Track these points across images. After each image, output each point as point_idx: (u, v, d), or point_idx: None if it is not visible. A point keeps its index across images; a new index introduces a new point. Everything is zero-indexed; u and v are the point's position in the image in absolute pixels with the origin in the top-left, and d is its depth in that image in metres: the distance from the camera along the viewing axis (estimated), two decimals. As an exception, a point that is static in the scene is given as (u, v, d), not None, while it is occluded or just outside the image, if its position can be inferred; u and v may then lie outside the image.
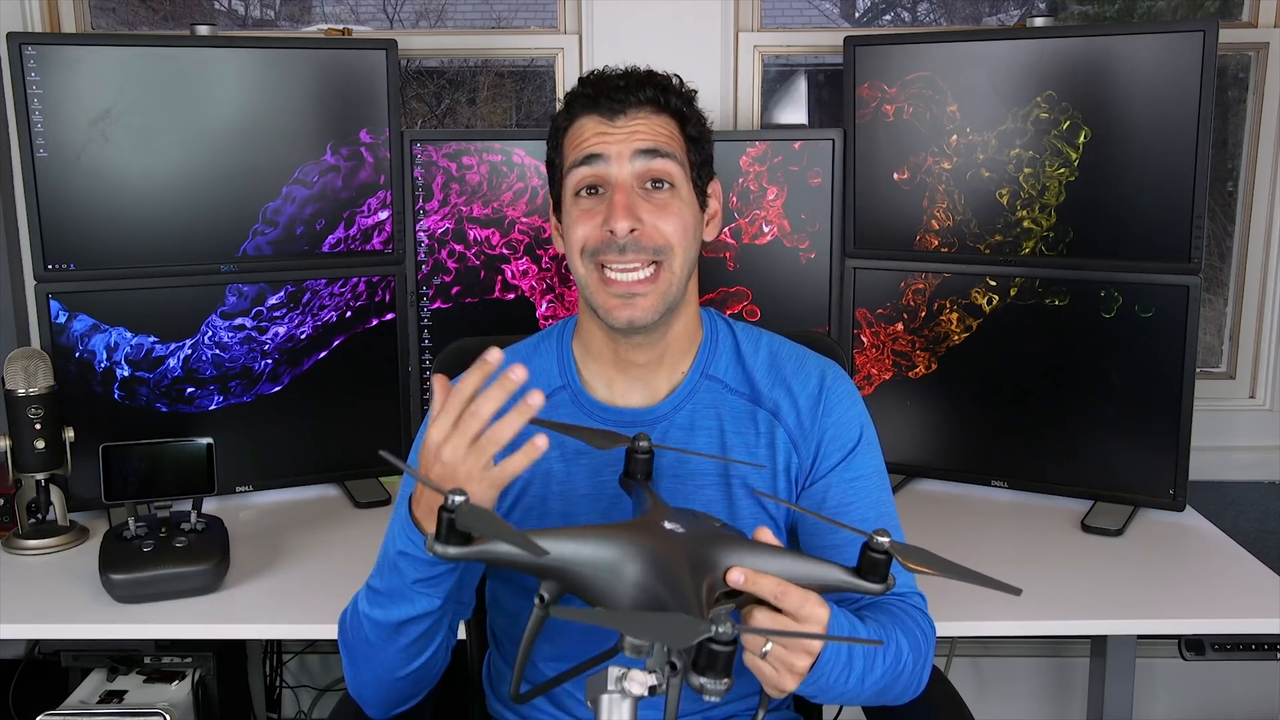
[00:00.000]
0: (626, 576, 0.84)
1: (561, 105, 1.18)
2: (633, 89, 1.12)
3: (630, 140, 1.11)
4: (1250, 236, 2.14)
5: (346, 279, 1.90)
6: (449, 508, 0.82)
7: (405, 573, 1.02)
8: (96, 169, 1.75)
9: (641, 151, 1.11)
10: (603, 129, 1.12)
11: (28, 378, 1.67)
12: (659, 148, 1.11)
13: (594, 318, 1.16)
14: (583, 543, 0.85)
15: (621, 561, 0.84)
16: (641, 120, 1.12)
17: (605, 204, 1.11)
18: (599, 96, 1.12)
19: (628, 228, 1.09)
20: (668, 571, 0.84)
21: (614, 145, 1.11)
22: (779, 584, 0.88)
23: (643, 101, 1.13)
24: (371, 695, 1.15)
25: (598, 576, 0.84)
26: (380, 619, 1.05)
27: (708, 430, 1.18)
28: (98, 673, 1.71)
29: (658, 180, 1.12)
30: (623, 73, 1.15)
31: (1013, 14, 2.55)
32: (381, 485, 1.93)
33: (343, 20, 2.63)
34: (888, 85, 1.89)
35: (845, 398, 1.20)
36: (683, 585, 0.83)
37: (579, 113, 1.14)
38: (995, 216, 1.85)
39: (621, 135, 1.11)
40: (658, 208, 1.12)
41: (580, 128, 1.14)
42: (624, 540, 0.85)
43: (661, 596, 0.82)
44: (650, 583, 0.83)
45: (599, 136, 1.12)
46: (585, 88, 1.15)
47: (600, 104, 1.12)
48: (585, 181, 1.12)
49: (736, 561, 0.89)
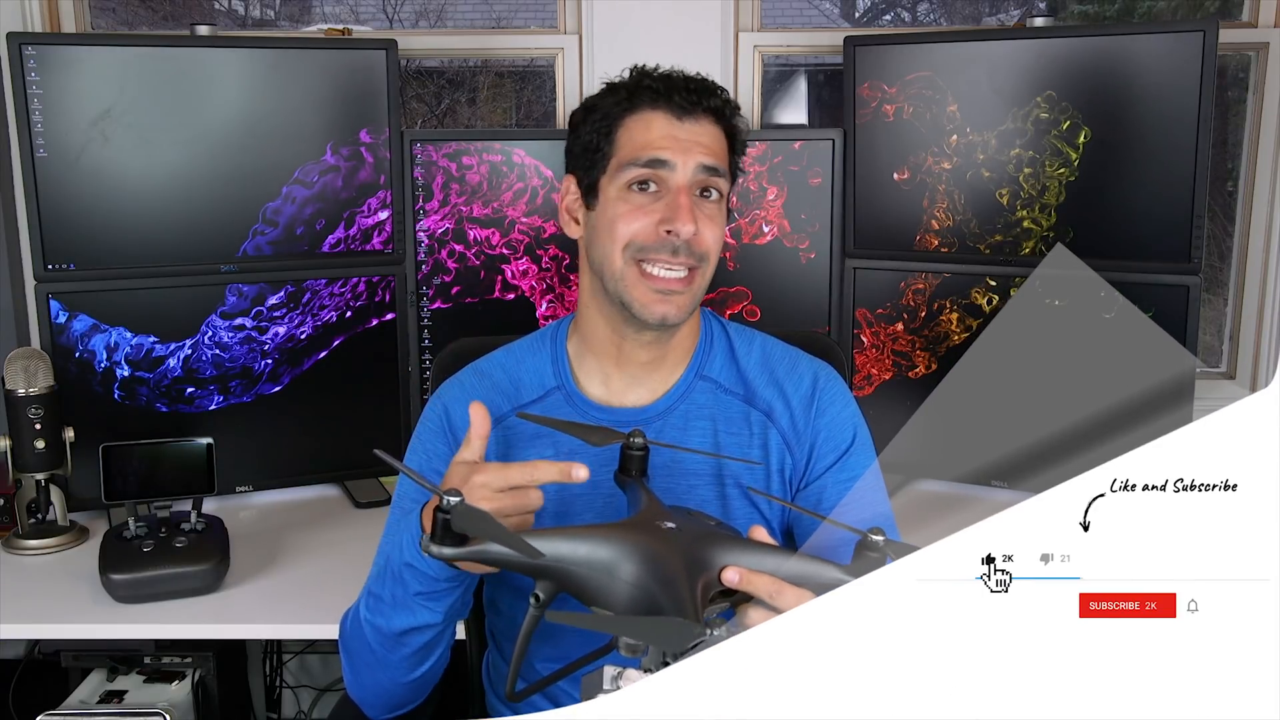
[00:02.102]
0: (622, 576, 0.84)
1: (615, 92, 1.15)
2: (703, 95, 1.13)
3: (695, 150, 1.11)
4: (1250, 236, 2.13)
5: (346, 279, 1.90)
6: (444, 508, 0.82)
7: (409, 584, 1.02)
8: (96, 169, 1.75)
9: (704, 166, 1.12)
10: (671, 130, 1.12)
11: (28, 378, 1.67)
12: (718, 167, 1.13)
13: (602, 309, 1.16)
14: (578, 543, 0.85)
15: (616, 561, 0.84)
16: (704, 127, 1.13)
17: (664, 204, 1.11)
18: (671, 93, 1.12)
19: (692, 231, 1.09)
20: (663, 571, 0.84)
21: (681, 150, 1.11)
22: (774, 583, 0.88)
23: (708, 109, 1.13)
24: (371, 699, 1.15)
25: (593, 576, 0.84)
26: (382, 627, 1.05)
27: (701, 431, 1.18)
28: (98, 673, 1.71)
29: (706, 189, 1.13)
30: (687, 75, 1.15)
31: (1013, 14, 2.55)
32: (381, 485, 1.93)
33: (343, 20, 2.64)
34: (888, 85, 1.89)
35: (838, 399, 1.20)
36: (678, 584, 0.83)
37: (644, 104, 1.13)
38: (995, 216, 1.86)
39: (688, 140, 1.12)
40: (707, 216, 1.12)
41: (645, 121, 1.13)
42: (619, 540, 0.86)
43: (657, 596, 0.82)
44: (645, 582, 0.83)
45: (669, 139, 1.11)
46: (651, 81, 1.13)
47: (673, 100, 1.12)
48: (642, 178, 1.12)
49: (732, 560, 0.89)
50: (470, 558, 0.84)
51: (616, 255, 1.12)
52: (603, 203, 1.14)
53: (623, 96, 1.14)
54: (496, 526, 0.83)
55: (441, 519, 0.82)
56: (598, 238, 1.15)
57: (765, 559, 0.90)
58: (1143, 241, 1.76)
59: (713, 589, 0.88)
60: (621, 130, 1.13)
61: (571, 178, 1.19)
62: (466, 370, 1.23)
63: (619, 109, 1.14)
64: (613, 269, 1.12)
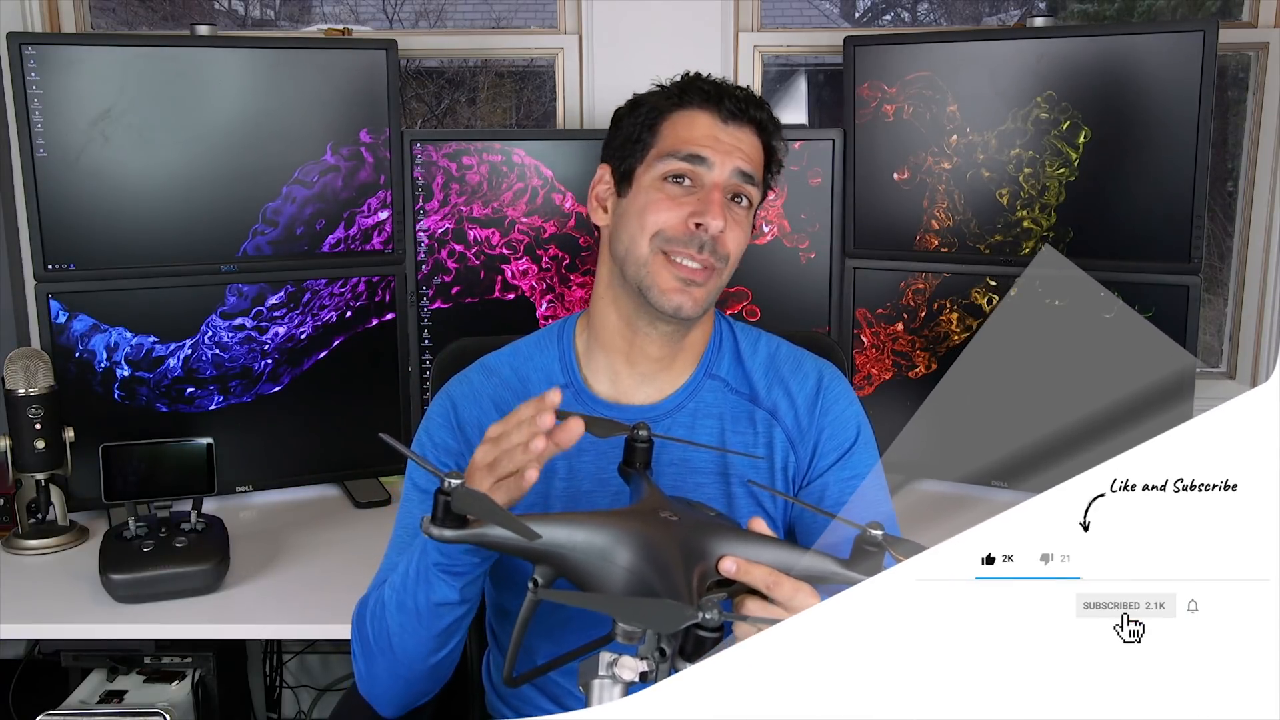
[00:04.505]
0: (618, 562, 0.85)
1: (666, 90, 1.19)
2: (751, 104, 1.17)
3: (735, 154, 1.14)
4: (1250, 236, 2.13)
5: (346, 279, 1.90)
6: (445, 490, 0.83)
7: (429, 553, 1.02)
8: (96, 169, 1.75)
9: (741, 172, 1.14)
10: (715, 131, 1.14)
11: (28, 378, 1.67)
12: (753, 174, 1.16)
13: (617, 301, 1.17)
14: (576, 528, 0.86)
15: (613, 547, 0.85)
16: (746, 136, 1.16)
17: (697, 199, 1.13)
18: (722, 97, 1.15)
19: (720, 227, 1.11)
20: (659, 558, 0.85)
21: (721, 151, 1.14)
22: (771, 574, 0.88)
23: (753, 120, 1.16)
24: (385, 691, 1.14)
25: (589, 562, 0.85)
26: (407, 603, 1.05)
27: (709, 429, 1.19)
28: (98, 673, 1.71)
29: (738, 195, 1.16)
30: (738, 85, 1.18)
31: (1013, 14, 2.56)
32: (381, 485, 1.93)
33: (343, 20, 2.64)
34: (888, 85, 1.89)
35: (842, 398, 1.21)
36: (674, 573, 0.84)
37: (693, 103, 1.16)
38: (995, 216, 1.86)
39: (729, 143, 1.14)
40: (735, 221, 1.15)
41: (692, 118, 1.15)
42: (616, 526, 0.87)
43: (652, 583, 0.83)
44: (641, 569, 0.84)
45: (711, 138, 1.14)
46: (704, 83, 1.17)
47: (723, 104, 1.15)
48: (679, 171, 1.14)
49: (729, 551, 0.89)
50: (470, 540, 0.85)
51: (644, 242, 1.13)
52: (635, 190, 1.16)
53: (673, 92, 1.18)
54: (496, 509, 0.84)
55: (442, 501, 0.83)
56: (626, 224, 1.16)
57: (763, 551, 0.90)
58: (1143, 241, 1.76)
59: (710, 578, 0.89)
60: (666, 124, 1.16)
61: (606, 167, 1.21)
62: (474, 367, 1.23)
63: (668, 103, 1.17)
64: (638, 254, 1.14)
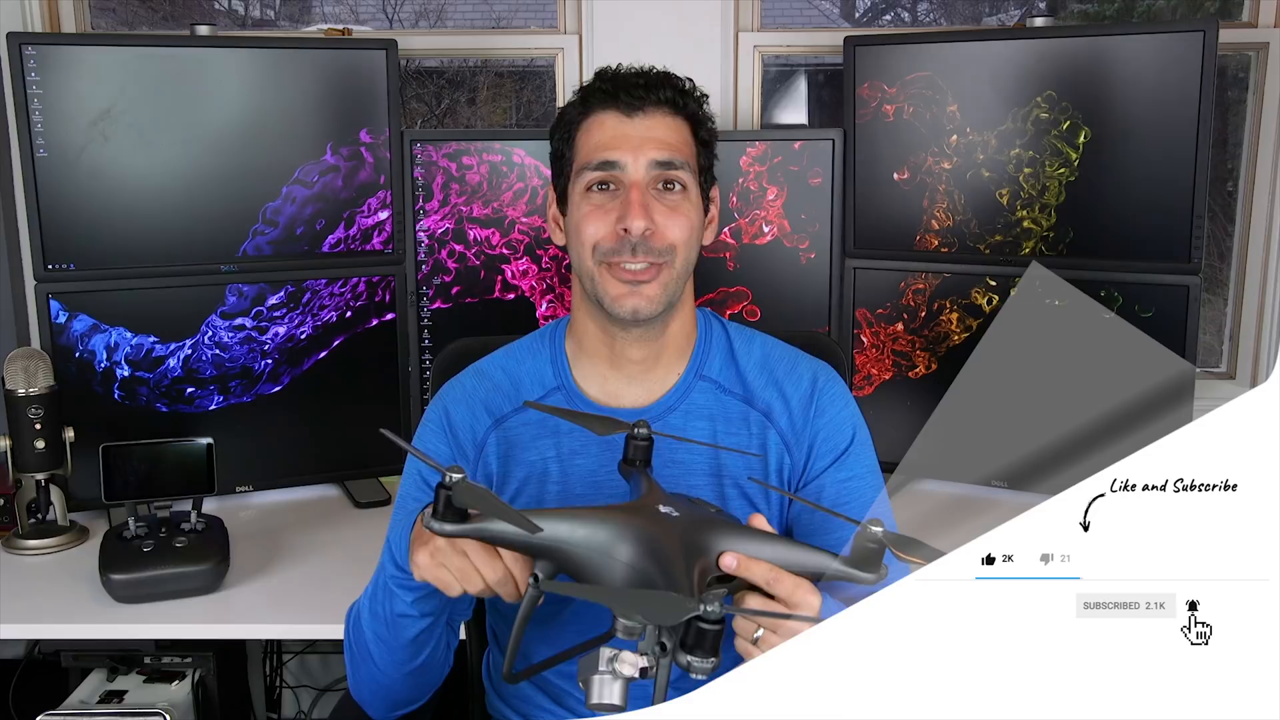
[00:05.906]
0: (619, 557, 0.85)
1: (575, 98, 1.17)
2: (652, 88, 1.13)
3: (647, 146, 1.11)
4: (1250, 236, 2.13)
5: (346, 279, 1.90)
6: (446, 485, 0.83)
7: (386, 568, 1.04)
8: (96, 169, 1.75)
9: (658, 162, 1.12)
10: (620, 127, 1.12)
11: (28, 378, 1.67)
12: (674, 159, 1.12)
13: (591, 312, 1.17)
14: (577, 523, 0.86)
15: (614, 542, 0.85)
16: (658, 121, 1.13)
17: (619, 202, 1.11)
18: (618, 92, 1.13)
19: (643, 227, 1.09)
20: (660, 554, 0.85)
21: (630, 148, 1.11)
22: (771, 569, 0.88)
23: (660, 101, 1.13)
24: (370, 697, 1.17)
25: (590, 557, 0.85)
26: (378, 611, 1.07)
27: (700, 431, 1.18)
28: (98, 673, 1.71)
29: (668, 183, 1.13)
30: (639, 71, 1.15)
31: (1013, 14, 2.56)
32: (381, 485, 1.93)
33: (343, 20, 2.64)
34: (888, 85, 1.89)
35: (837, 399, 1.20)
36: (674, 568, 0.84)
37: (595, 107, 1.14)
38: (995, 216, 1.86)
39: (638, 137, 1.12)
40: (669, 209, 1.12)
41: (597, 123, 1.14)
42: (617, 522, 0.87)
43: (653, 578, 0.83)
44: (642, 564, 0.84)
45: (617, 137, 1.12)
46: (602, 83, 1.15)
47: (619, 99, 1.12)
48: (598, 180, 1.13)
49: (730, 547, 0.89)
50: (471, 534, 0.85)
51: (587, 258, 1.13)
52: (571, 207, 1.16)
53: (577, 101, 1.17)
54: (497, 503, 0.84)
55: (444, 495, 0.84)
56: (571, 241, 1.16)
57: (764, 547, 0.91)
58: (1142, 241, 1.76)
59: (710, 574, 0.89)
60: (580, 134, 1.15)
61: (551, 187, 1.22)
62: (467, 371, 1.23)
63: (576, 114, 1.16)
64: (585, 269, 1.14)
